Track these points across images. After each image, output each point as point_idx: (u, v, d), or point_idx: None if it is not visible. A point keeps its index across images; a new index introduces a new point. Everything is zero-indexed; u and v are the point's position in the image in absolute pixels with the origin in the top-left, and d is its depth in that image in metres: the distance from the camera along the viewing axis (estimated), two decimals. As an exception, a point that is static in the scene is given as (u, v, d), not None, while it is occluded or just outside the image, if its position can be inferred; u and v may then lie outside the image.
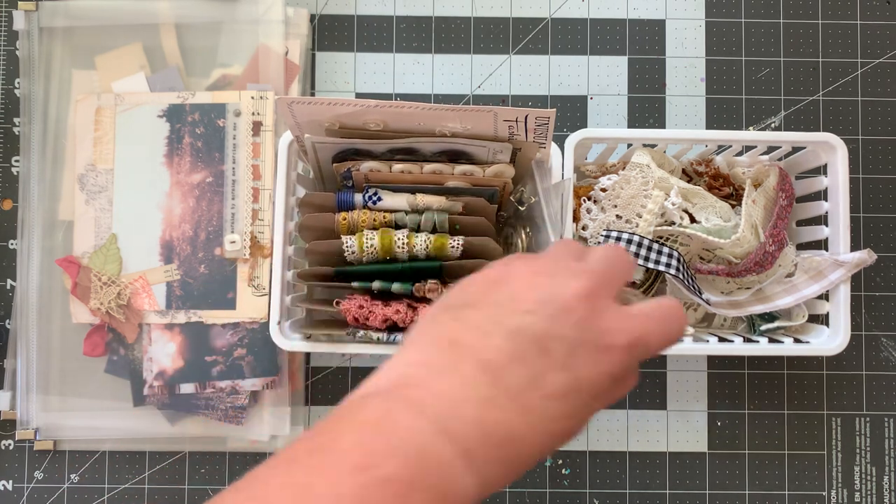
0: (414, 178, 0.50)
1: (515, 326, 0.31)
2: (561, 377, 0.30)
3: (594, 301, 0.32)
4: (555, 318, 0.31)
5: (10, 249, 0.62)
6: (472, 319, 0.31)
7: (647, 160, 0.54)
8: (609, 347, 0.31)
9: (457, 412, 0.29)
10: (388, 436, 0.28)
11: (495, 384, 0.30)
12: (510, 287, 0.32)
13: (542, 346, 0.30)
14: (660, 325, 0.33)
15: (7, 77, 0.64)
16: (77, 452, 0.61)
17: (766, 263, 0.53)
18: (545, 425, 0.30)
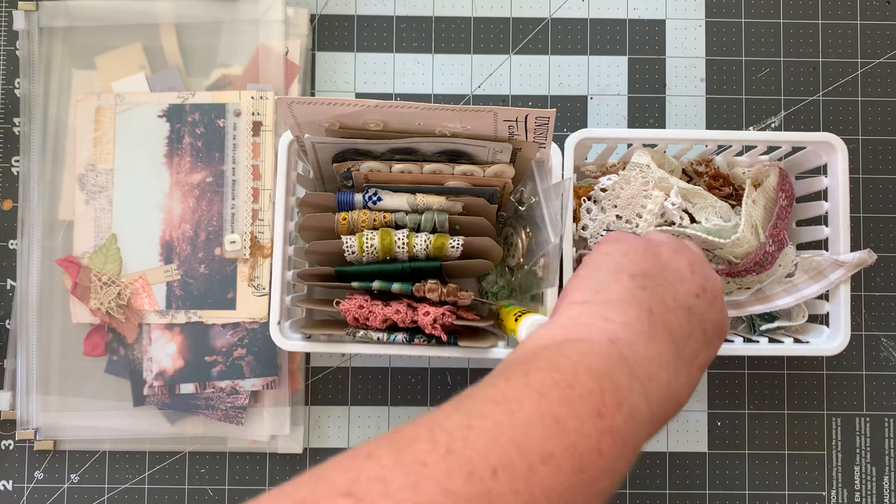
0: (414, 178, 0.50)
1: (689, 305, 0.36)
2: (706, 353, 0.36)
3: (718, 293, 0.38)
4: (710, 305, 0.37)
5: (10, 249, 0.62)
6: (657, 292, 0.35)
7: (647, 160, 0.54)
8: (724, 334, 0.38)
9: (656, 377, 0.33)
10: (615, 392, 0.30)
11: (678, 355, 0.34)
12: (676, 265, 0.37)
13: (702, 326, 0.36)
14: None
15: (7, 77, 0.64)
16: (77, 452, 0.61)
17: (766, 263, 0.53)
18: (692, 390, 0.35)
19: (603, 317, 0.34)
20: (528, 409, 0.28)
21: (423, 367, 0.63)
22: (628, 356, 0.32)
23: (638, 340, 0.33)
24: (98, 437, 0.61)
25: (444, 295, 0.49)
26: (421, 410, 0.62)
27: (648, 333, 0.34)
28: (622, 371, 0.31)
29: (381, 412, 0.62)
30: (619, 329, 0.33)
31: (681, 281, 0.37)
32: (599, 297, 0.35)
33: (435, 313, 0.49)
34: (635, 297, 0.35)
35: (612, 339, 0.33)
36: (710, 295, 0.37)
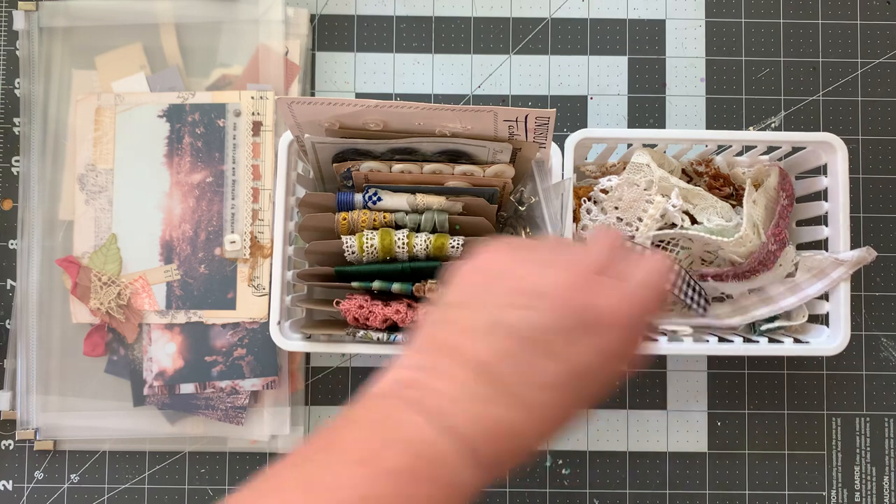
0: (414, 178, 0.50)
1: (510, 324, 0.31)
2: (555, 367, 0.31)
3: (587, 285, 0.32)
4: (549, 311, 0.31)
5: (10, 249, 0.62)
6: (467, 321, 0.32)
7: (647, 160, 0.54)
8: (608, 328, 0.32)
9: (456, 410, 0.30)
10: (389, 431, 0.29)
11: (492, 383, 0.30)
12: (503, 281, 0.33)
13: (536, 340, 0.31)
14: (655, 293, 0.34)
15: (7, 77, 0.64)
16: (77, 452, 0.61)
17: (768, 262, 0.53)
18: (544, 414, 0.31)
19: (405, 364, 0.32)
20: (287, 481, 0.29)
21: (423, 367, 0.63)
22: (414, 397, 0.30)
23: (428, 379, 0.31)
24: (98, 437, 0.61)
25: (444, 295, 0.49)
26: (421, 410, 0.62)
27: (445, 370, 0.31)
28: (405, 413, 0.30)
29: (381, 412, 0.62)
30: (410, 372, 0.32)
31: (506, 294, 0.32)
32: (413, 340, 0.33)
33: (435, 313, 0.49)
34: (439, 334, 0.33)
35: (400, 385, 0.31)
36: (548, 300, 0.32)
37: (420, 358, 0.32)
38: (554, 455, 0.62)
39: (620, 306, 0.32)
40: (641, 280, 0.33)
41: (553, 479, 0.62)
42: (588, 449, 0.62)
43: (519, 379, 0.31)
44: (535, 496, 0.62)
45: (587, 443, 0.62)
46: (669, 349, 0.54)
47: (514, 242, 0.35)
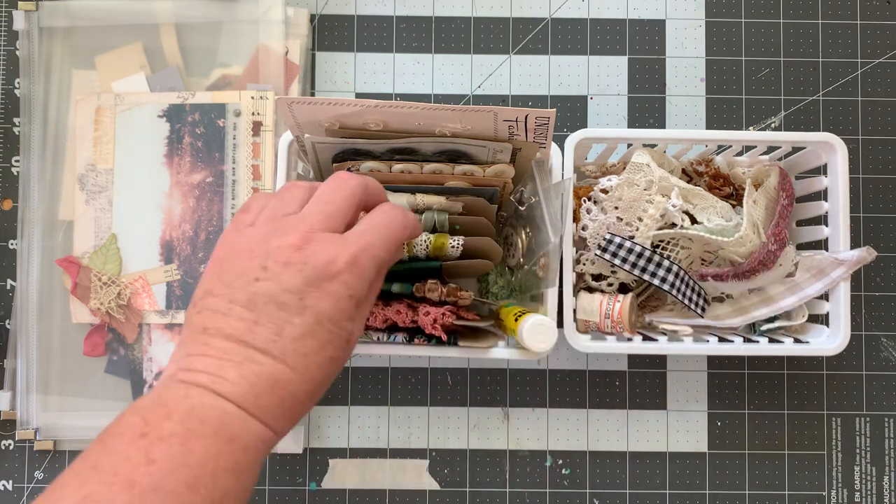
0: (414, 178, 0.50)
1: (248, 298, 0.36)
2: (300, 320, 0.36)
3: (310, 244, 0.37)
4: (278, 275, 0.36)
5: (10, 249, 0.63)
6: (211, 305, 0.37)
7: (647, 160, 0.54)
8: (334, 275, 0.37)
9: (220, 375, 0.35)
10: (161, 407, 0.33)
11: (246, 346, 0.35)
12: (235, 262, 0.38)
13: (276, 301, 0.36)
14: (379, 232, 0.39)
15: (7, 77, 0.64)
16: (77, 452, 0.61)
17: (769, 262, 0.53)
18: (303, 361, 0.36)
19: (173, 359, 0.37)
20: (67, 476, 0.32)
21: (423, 367, 0.63)
22: (183, 377, 0.35)
23: (190, 361, 0.36)
24: (98, 437, 0.61)
25: (444, 295, 0.49)
26: (421, 410, 0.62)
27: (203, 350, 0.36)
28: (172, 391, 0.34)
29: (381, 412, 0.62)
30: (177, 363, 0.36)
31: (239, 275, 0.37)
32: (178, 342, 0.38)
33: (435, 313, 0.49)
34: (192, 324, 0.37)
35: (169, 375, 0.36)
36: (275, 266, 0.37)
37: (185, 347, 0.37)
38: (554, 455, 0.62)
39: (337, 255, 0.37)
40: (359, 228, 0.39)
41: (553, 479, 0.62)
42: (588, 449, 0.62)
43: (269, 336, 0.36)
44: (535, 496, 0.62)
45: (587, 443, 0.62)
46: (669, 349, 0.54)
47: (241, 221, 0.40)
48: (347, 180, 0.41)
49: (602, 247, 0.52)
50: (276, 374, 0.35)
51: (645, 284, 0.57)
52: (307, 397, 0.37)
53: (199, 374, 0.35)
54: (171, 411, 0.33)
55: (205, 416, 0.33)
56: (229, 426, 0.34)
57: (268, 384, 0.35)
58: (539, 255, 0.52)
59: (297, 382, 0.36)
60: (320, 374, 0.37)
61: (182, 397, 0.34)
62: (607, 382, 0.63)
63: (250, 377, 0.35)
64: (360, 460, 0.62)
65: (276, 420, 0.36)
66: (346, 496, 0.62)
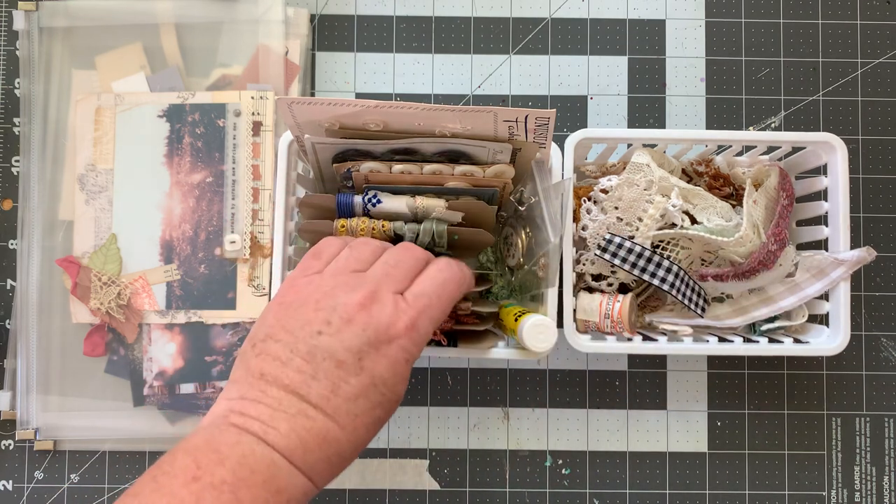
0: (414, 178, 0.50)
1: (308, 350, 0.37)
2: (355, 380, 0.37)
3: (373, 304, 0.38)
4: (340, 333, 0.37)
5: (10, 249, 0.63)
6: (272, 351, 0.38)
7: (647, 160, 0.54)
8: (392, 338, 0.38)
9: (273, 426, 0.35)
10: (214, 452, 0.34)
11: (301, 400, 0.36)
12: (301, 311, 0.38)
13: (335, 359, 0.37)
14: (437, 292, 0.41)
15: (7, 77, 0.64)
16: (77, 452, 0.61)
17: (769, 262, 0.53)
18: (353, 421, 0.37)
19: (225, 397, 0.38)
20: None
21: (424, 367, 0.63)
22: (235, 421, 0.36)
23: (244, 405, 0.36)
24: (98, 437, 0.61)
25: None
26: (421, 411, 0.62)
27: (258, 396, 0.36)
28: (225, 434, 0.35)
29: (381, 412, 0.62)
30: (229, 403, 0.37)
31: (303, 325, 0.38)
32: (230, 377, 0.39)
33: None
34: (249, 367, 0.38)
35: (221, 415, 0.36)
36: (338, 323, 0.38)
37: (239, 388, 0.37)
38: (554, 455, 0.62)
39: (398, 319, 0.38)
40: (418, 290, 0.40)
41: (553, 479, 0.62)
42: (588, 449, 0.62)
43: (324, 393, 0.36)
44: (535, 496, 0.62)
45: (587, 443, 0.62)
46: (669, 349, 0.54)
47: (309, 276, 0.41)
48: (415, 249, 0.43)
49: (602, 247, 0.52)
50: (326, 431, 0.36)
51: (645, 284, 0.57)
52: (351, 454, 0.38)
53: (253, 421, 0.35)
54: (224, 457, 0.34)
55: (255, 466, 0.34)
56: (277, 478, 0.34)
57: (317, 441, 0.36)
58: (539, 255, 0.52)
59: (345, 442, 0.37)
60: (367, 435, 0.38)
61: (234, 443, 0.34)
62: (607, 382, 0.63)
63: (301, 431, 0.36)
64: (360, 460, 0.62)
65: (320, 475, 0.36)
66: (346, 496, 0.62)
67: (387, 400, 0.38)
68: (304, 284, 0.40)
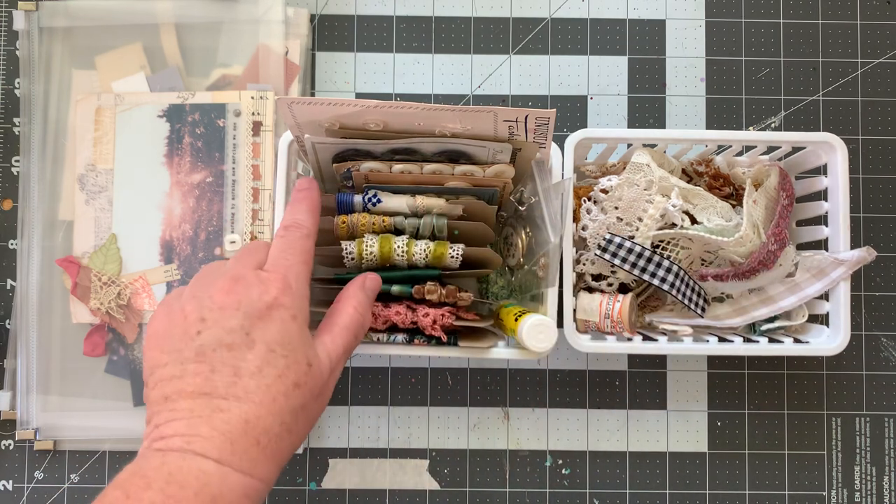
0: (414, 178, 0.50)
1: (197, 351, 0.37)
2: (252, 354, 0.37)
3: (236, 285, 0.39)
4: (218, 321, 0.38)
5: (10, 249, 0.63)
6: (163, 376, 0.38)
7: (647, 160, 0.54)
8: (270, 304, 0.39)
9: (194, 433, 0.35)
10: (141, 479, 0.34)
11: (210, 397, 0.36)
12: (172, 328, 0.39)
13: (224, 344, 0.37)
14: (289, 248, 0.43)
15: (7, 77, 0.64)
16: (77, 452, 0.61)
17: (769, 262, 0.53)
18: (268, 393, 0.37)
19: (144, 437, 0.38)
20: None
21: (423, 367, 0.63)
22: (157, 446, 0.36)
23: (159, 428, 0.36)
24: (98, 437, 0.61)
25: (444, 297, 0.49)
26: (421, 411, 0.62)
27: (170, 415, 0.36)
28: (149, 460, 0.35)
29: (381, 412, 0.62)
30: (151, 435, 0.37)
31: (181, 336, 0.38)
32: (146, 421, 0.39)
33: (434, 314, 0.49)
34: (153, 397, 0.38)
35: (146, 446, 0.37)
36: (213, 313, 0.38)
37: (154, 420, 0.37)
38: (554, 455, 0.62)
39: (267, 286, 0.39)
40: (272, 256, 0.42)
41: (553, 479, 0.62)
42: (588, 449, 0.62)
43: (228, 380, 0.36)
44: (535, 496, 0.62)
45: (587, 443, 0.62)
46: (669, 349, 0.54)
47: (172, 298, 0.41)
48: (254, 241, 0.45)
49: (602, 247, 0.52)
50: (245, 414, 0.36)
51: (645, 284, 0.57)
52: (283, 430, 0.37)
53: (172, 438, 0.35)
54: (151, 481, 0.33)
55: (183, 481, 0.34)
56: (209, 486, 0.34)
57: (239, 427, 0.36)
58: (539, 255, 0.52)
59: (268, 416, 0.36)
60: (289, 403, 0.37)
61: (159, 465, 0.34)
62: (607, 382, 0.63)
63: (221, 426, 0.35)
64: (360, 460, 0.62)
65: (257, 465, 0.36)
66: (346, 496, 0.62)
67: (294, 362, 0.38)
68: (164, 312, 0.40)
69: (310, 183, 0.48)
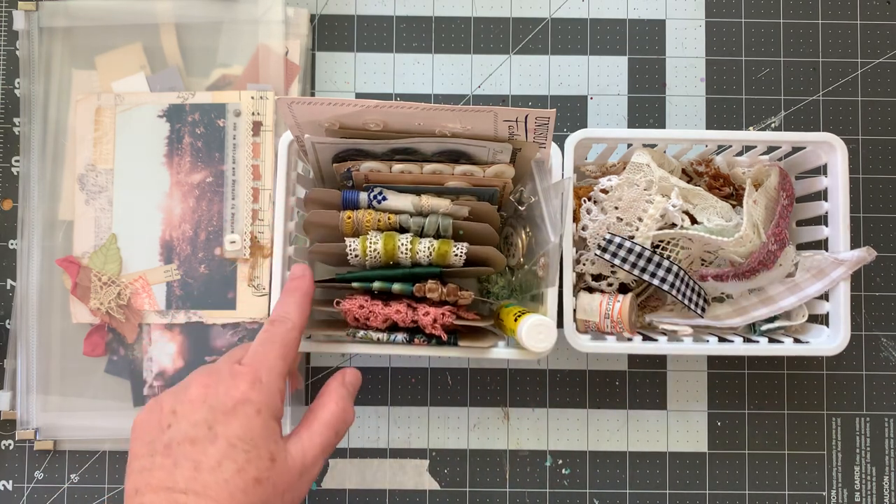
0: (414, 178, 0.50)
1: (165, 444, 0.39)
2: (213, 449, 0.38)
3: (211, 381, 0.40)
4: (187, 416, 0.39)
5: (10, 249, 0.63)
6: (137, 466, 0.39)
7: (647, 160, 0.54)
8: (237, 399, 0.40)
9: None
10: None
11: (170, 492, 0.37)
12: (149, 424, 0.40)
13: (188, 438, 0.38)
14: (270, 344, 0.44)
15: (7, 77, 0.64)
16: (77, 452, 0.61)
17: (769, 262, 0.53)
18: (226, 488, 0.37)
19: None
20: None
21: (423, 367, 0.63)
22: None
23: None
24: (98, 437, 0.61)
25: (445, 295, 0.49)
26: (421, 410, 0.62)
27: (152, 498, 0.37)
28: None
29: (381, 412, 0.62)
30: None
31: (155, 427, 0.40)
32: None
33: (435, 313, 0.49)
34: (127, 493, 0.39)
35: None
36: (184, 407, 0.40)
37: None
38: (554, 455, 0.62)
39: (236, 382, 0.40)
40: (251, 350, 0.43)
41: (553, 479, 0.62)
42: (588, 449, 0.62)
43: (188, 475, 0.37)
44: (535, 496, 0.62)
45: (587, 443, 0.62)
46: (669, 349, 0.54)
47: (159, 399, 0.43)
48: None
49: (602, 247, 0.52)
50: (207, 492, 0.37)
51: (645, 284, 0.57)
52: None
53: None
54: None
55: None
56: None
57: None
58: (539, 255, 0.52)
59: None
60: (248, 500, 0.38)
61: None
62: (607, 382, 0.63)
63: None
64: (360, 460, 0.62)
65: None
66: (346, 496, 0.62)
67: (255, 457, 0.39)
68: (150, 403, 0.42)
69: (303, 271, 0.48)
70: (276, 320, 0.46)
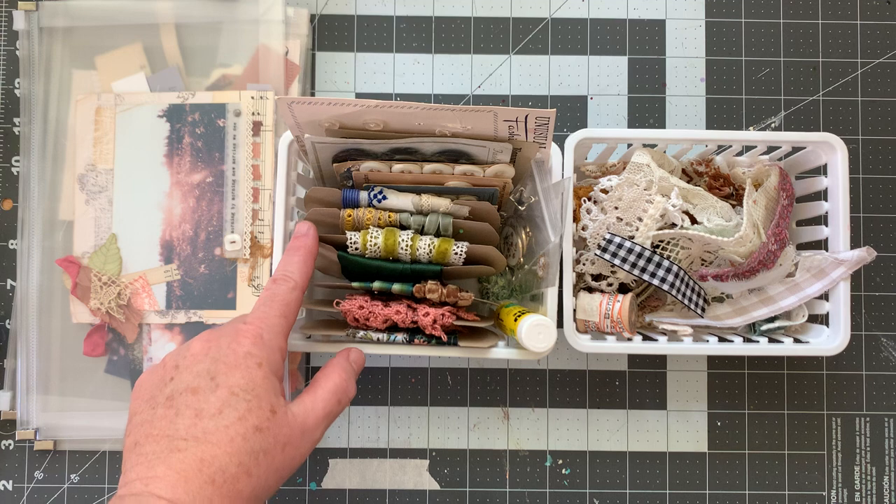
0: (414, 178, 0.50)
1: (167, 396, 0.40)
2: (214, 397, 0.39)
3: (215, 338, 0.41)
4: (189, 367, 0.40)
5: (10, 249, 0.62)
6: (137, 421, 0.40)
7: (647, 160, 0.54)
8: (239, 352, 0.40)
9: (151, 474, 0.36)
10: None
11: (171, 439, 0.38)
12: (150, 380, 0.41)
13: (191, 388, 0.39)
14: (269, 300, 0.45)
15: (7, 77, 0.64)
16: (77, 452, 0.61)
17: (769, 262, 0.53)
18: (226, 433, 0.38)
19: (120, 483, 0.39)
20: None
21: (423, 367, 0.63)
22: (121, 492, 0.37)
23: (127, 476, 0.38)
24: (98, 437, 0.61)
25: (444, 296, 0.49)
26: (421, 410, 0.62)
27: (137, 461, 0.38)
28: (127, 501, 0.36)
29: (381, 412, 0.62)
30: (121, 483, 0.38)
31: (157, 383, 0.41)
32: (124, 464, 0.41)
33: (435, 314, 0.49)
34: (125, 447, 0.39)
35: (118, 495, 0.37)
36: (187, 361, 0.41)
37: (125, 463, 0.39)
38: (554, 455, 0.62)
39: (240, 338, 0.41)
40: (254, 309, 0.44)
41: (553, 479, 0.62)
42: (588, 449, 0.62)
43: (189, 422, 0.38)
44: (535, 496, 0.62)
45: (587, 443, 0.62)
46: (669, 349, 0.54)
47: (157, 366, 0.43)
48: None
49: (602, 247, 0.52)
50: (201, 453, 0.37)
51: (645, 284, 0.57)
52: (241, 471, 0.38)
53: (134, 482, 0.36)
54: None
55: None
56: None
57: (194, 466, 0.37)
58: (539, 255, 0.52)
59: (223, 456, 0.37)
60: (247, 445, 0.38)
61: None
62: (607, 382, 0.63)
63: (176, 465, 0.37)
64: (360, 460, 0.62)
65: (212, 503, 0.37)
66: (346, 496, 0.62)
67: (256, 406, 0.39)
68: (151, 367, 0.43)
69: (308, 228, 0.49)
70: (279, 279, 0.46)
